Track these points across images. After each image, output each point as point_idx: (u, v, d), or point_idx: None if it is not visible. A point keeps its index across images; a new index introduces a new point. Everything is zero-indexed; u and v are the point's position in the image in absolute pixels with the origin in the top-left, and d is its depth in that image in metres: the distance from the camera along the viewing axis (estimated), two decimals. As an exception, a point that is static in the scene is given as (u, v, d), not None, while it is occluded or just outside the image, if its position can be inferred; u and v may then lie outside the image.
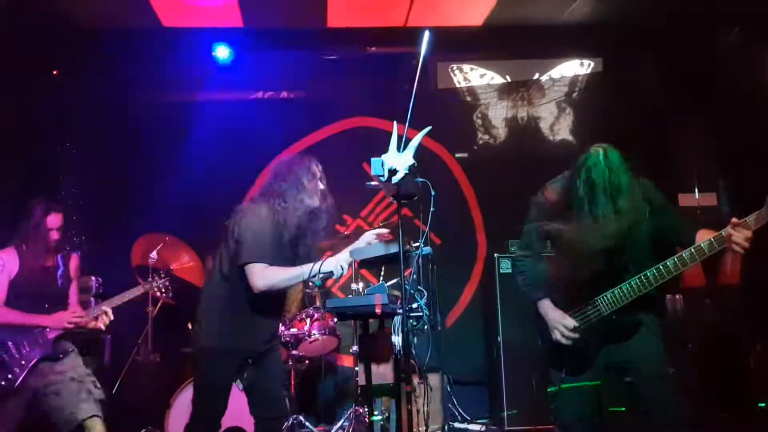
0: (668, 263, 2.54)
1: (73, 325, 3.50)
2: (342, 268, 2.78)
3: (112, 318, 3.65)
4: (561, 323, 2.77)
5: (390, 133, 2.44)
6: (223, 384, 2.91)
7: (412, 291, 2.68)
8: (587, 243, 2.65)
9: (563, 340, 2.76)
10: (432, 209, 2.51)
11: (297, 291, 4.56)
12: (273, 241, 2.85)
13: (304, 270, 2.76)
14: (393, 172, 2.34)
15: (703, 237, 2.57)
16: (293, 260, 2.92)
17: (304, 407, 4.58)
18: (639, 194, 2.66)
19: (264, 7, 5.07)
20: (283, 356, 4.17)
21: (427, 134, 2.45)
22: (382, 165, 2.35)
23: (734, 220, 2.46)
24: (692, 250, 2.51)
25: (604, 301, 2.69)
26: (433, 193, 2.47)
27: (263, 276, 2.78)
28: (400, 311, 2.74)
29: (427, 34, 2.37)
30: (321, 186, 3.01)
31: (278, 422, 3.07)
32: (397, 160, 2.35)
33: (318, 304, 4.45)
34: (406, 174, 2.34)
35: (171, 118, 5.50)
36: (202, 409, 2.90)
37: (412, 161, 2.36)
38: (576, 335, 2.74)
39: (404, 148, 2.36)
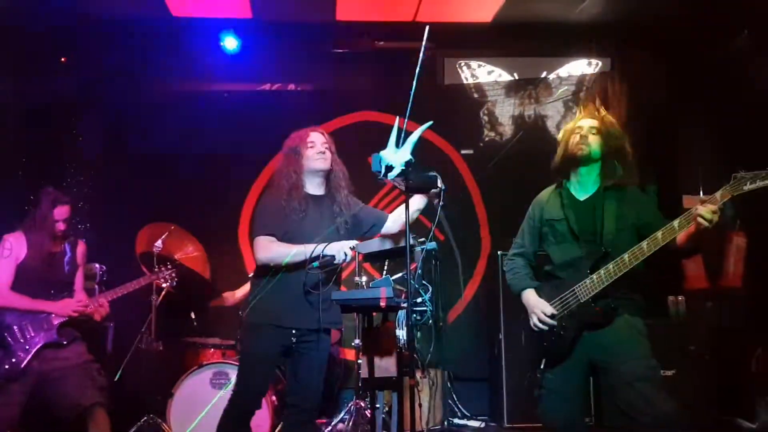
0: (642, 244, 2.58)
1: (77, 314, 3.52)
2: (345, 255, 2.75)
3: (108, 311, 3.68)
4: (539, 309, 2.80)
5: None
6: (269, 358, 2.93)
7: (416, 286, 2.67)
8: (573, 240, 2.79)
9: (540, 325, 2.79)
10: (441, 203, 2.49)
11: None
12: (281, 216, 2.88)
13: (306, 249, 2.76)
14: (389, 168, 2.28)
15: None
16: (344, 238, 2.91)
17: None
18: (621, 203, 2.75)
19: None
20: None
21: (433, 130, 2.42)
22: (380, 162, 2.30)
23: (702, 197, 2.52)
24: (663, 229, 2.55)
25: (583, 287, 2.71)
26: (444, 188, 2.46)
27: (265, 248, 2.83)
28: (405, 305, 2.74)
29: (427, 30, 2.32)
30: (322, 149, 3.01)
31: (313, 414, 3.04)
32: (393, 156, 2.29)
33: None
34: (402, 170, 2.28)
35: (177, 108, 5.49)
36: (245, 383, 2.92)
37: (408, 157, 2.29)
38: (553, 322, 2.76)
39: (402, 144, 2.30)
